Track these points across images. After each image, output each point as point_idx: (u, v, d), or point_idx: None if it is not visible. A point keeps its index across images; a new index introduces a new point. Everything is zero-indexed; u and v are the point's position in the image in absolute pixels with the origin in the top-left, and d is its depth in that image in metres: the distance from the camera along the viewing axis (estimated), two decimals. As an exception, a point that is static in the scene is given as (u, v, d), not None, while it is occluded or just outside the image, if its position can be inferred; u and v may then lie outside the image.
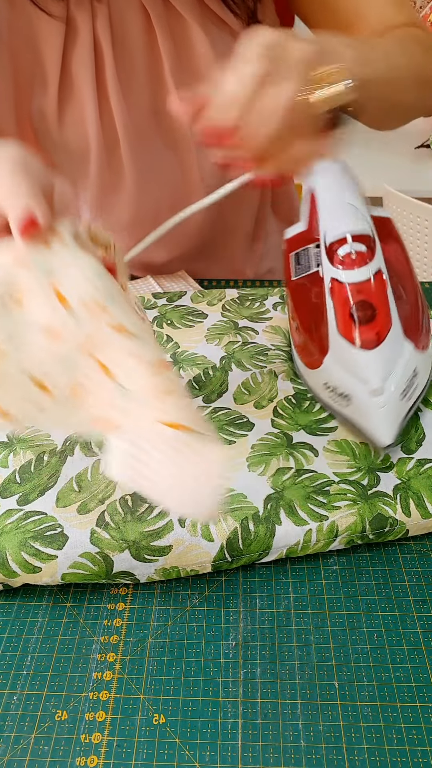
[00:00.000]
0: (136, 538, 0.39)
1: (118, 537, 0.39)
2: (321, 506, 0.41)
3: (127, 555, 0.38)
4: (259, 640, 0.37)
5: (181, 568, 0.39)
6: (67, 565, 0.38)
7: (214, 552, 0.39)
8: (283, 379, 0.53)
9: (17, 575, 0.38)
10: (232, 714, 0.34)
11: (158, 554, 0.39)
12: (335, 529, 0.40)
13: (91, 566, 0.38)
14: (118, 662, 0.36)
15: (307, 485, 0.42)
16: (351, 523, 0.40)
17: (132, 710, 0.34)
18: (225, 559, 0.39)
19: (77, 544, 0.39)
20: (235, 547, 0.39)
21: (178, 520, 0.40)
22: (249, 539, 0.39)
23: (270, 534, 0.40)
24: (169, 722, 0.33)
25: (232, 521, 0.40)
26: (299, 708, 0.34)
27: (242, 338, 0.58)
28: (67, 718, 0.33)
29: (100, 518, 0.40)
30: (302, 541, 0.40)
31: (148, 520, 0.40)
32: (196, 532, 0.39)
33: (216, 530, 0.39)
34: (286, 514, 0.40)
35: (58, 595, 0.39)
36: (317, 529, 0.40)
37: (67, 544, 0.39)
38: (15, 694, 0.34)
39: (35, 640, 0.37)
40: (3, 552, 0.38)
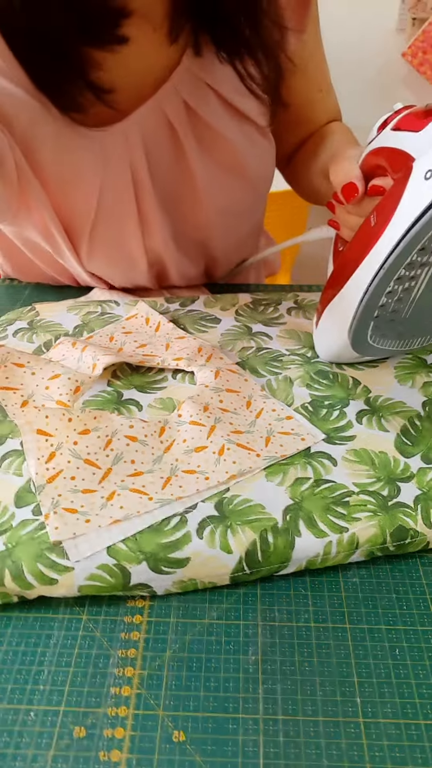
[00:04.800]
0: (154, 550, 0.38)
1: (135, 548, 0.38)
2: (341, 518, 0.40)
3: (145, 567, 0.38)
4: (279, 654, 0.36)
5: (199, 580, 0.39)
6: (83, 577, 0.37)
7: (233, 564, 0.39)
8: (299, 385, 0.52)
9: (33, 587, 0.37)
10: (253, 731, 0.33)
11: (176, 566, 0.38)
12: (356, 541, 0.40)
13: (109, 578, 0.38)
14: (136, 677, 0.35)
15: (326, 496, 0.42)
16: (371, 535, 0.40)
17: (151, 727, 0.33)
18: (243, 571, 0.39)
19: (94, 555, 0.38)
20: (254, 559, 0.39)
21: (196, 532, 0.39)
22: (268, 551, 0.39)
23: (290, 546, 0.39)
24: (189, 739, 0.33)
25: (251, 533, 0.39)
26: (321, 725, 0.33)
27: (256, 344, 0.58)
28: (85, 735, 0.33)
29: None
30: (322, 553, 0.39)
31: (165, 531, 0.39)
32: (215, 544, 0.39)
33: (234, 542, 0.39)
34: (306, 526, 0.40)
35: (74, 608, 0.39)
36: (337, 541, 0.39)
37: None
38: (32, 710, 0.34)
39: (51, 653, 0.36)
40: (18, 563, 0.38)
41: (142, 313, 0.61)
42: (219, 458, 0.44)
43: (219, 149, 0.59)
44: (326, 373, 0.53)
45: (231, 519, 0.40)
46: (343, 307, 0.46)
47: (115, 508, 0.41)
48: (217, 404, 0.49)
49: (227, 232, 0.67)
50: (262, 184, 0.67)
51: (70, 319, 0.61)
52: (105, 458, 0.44)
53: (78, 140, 0.54)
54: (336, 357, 0.53)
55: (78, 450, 0.44)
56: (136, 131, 0.56)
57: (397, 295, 0.42)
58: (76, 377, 0.50)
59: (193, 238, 0.66)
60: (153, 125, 0.56)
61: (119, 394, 0.51)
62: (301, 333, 0.59)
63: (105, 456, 0.44)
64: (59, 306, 0.63)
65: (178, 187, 0.61)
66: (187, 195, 0.61)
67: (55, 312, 0.62)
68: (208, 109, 0.57)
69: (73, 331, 0.59)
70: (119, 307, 0.63)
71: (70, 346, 0.55)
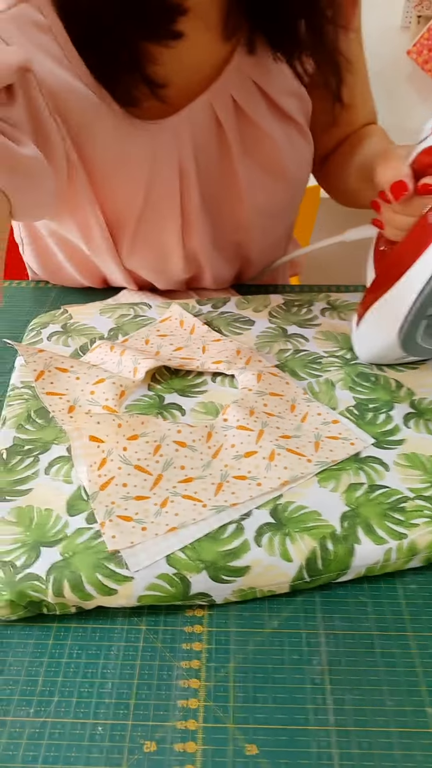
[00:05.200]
0: (213, 558, 0.38)
1: (195, 557, 0.38)
2: (399, 524, 0.40)
3: (205, 576, 0.37)
4: (345, 663, 0.36)
5: (258, 588, 0.38)
6: (143, 587, 0.37)
7: (293, 572, 0.38)
8: (341, 388, 0.52)
9: (93, 597, 0.37)
10: (326, 744, 0.32)
11: (236, 575, 0.38)
12: (415, 547, 0.39)
13: (169, 588, 0.37)
14: (202, 689, 0.35)
15: (382, 502, 0.41)
16: (430, 541, 0.39)
17: (222, 740, 0.33)
18: (304, 579, 0.38)
19: (154, 564, 0.37)
20: (314, 567, 0.38)
21: (254, 539, 0.39)
22: (328, 559, 0.38)
23: (350, 554, 0.39)
24: (262, 753, 0.32)
25: (310, 540, 0.39)
26: (394, 737, 0.33)
27: (293, 346, 0.57)
28: (156, 750, 0.32)
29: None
30: (382, 560, 0.39)
31: (223, 539, 0.39)
32: (274, 552, 0.38)
33: (294, 550, 0.38)
34: (365, 533, 0.39)
35: (132, 618, 0.38)
36: (397, 548, 0.39)
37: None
38: (99, 724, 0.33)
39: (113, 666, 0.36)
40: (77, 573, 0.37)
41: (175, 315, 0.60)
42: (270, 464, 0.43)
43: (262, 148, 0.59)
44: (368, 376, 0.53)
45: (288, 526, 0.40)
46: (394, 307, 0.45)
47: (170, 515, 0.40)
48: (262, 408, 0.48)
49: (264, 233, 0.67)
50: (299, 186, 0.66)
51: (104, 322, 0.60)
52: (155, 464, 0.43)
53: (130, 135, 0.54)
54: (378, 358, 0.53)
55: (128, 456, 0.44)
56: (186, 127, 0.56)
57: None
58: (120, 382, 0.50)
59: (232, 240, 0.66)
60: (202, 122, 0.56)
61: (161, 399, 0.51)
62: (337, 334, 0.58)
63: (155, 462, 0.44)
64: (91, 308, 0.62)
65: (222, 187, 0.60)
66: (230, 195, 0.61)
67: (87, 315, 0.61)
68: (254, 108, 0.57)
69: (108, 335, 0.58)
70: (151, 309, 0.62)
71: (108, 349, 0.54)
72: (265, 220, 0.65)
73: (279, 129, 0.59)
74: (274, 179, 0.61)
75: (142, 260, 0.63)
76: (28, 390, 0.50)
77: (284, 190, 0.64)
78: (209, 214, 0.62)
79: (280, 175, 0.62)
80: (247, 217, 0.63)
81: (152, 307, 0.63)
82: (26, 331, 0.59)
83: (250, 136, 0.58)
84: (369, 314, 0.50)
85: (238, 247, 0.67)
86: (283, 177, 0.62)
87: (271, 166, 0.60)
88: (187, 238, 0.62)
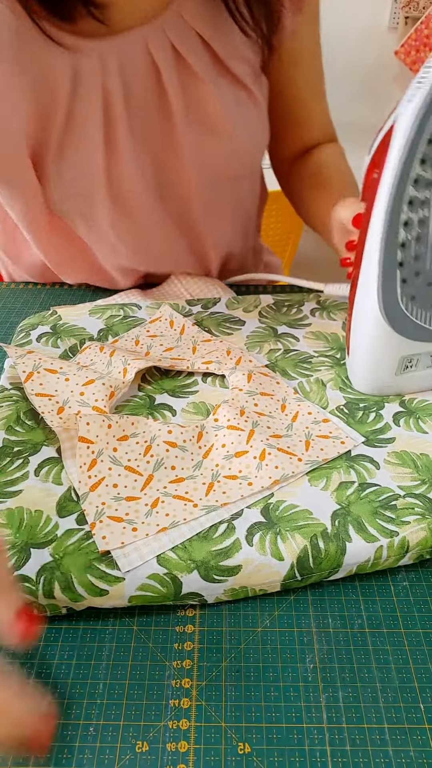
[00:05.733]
0: (204, 558, 0.38)
1: (186, 557, 0.38)
2: (390, 521, 0.40)
3: (196, 576, 0.37)
4: (337, 661, 0.36)
5: (250, 587, 0.38)
6: (134, 587, 0.37)
7: (285, 571, 0.38)
8: (332, 388, 0.52)
9: (83, 599, 0.37)
10: (319, 741, 0.32)
11: (227, 574, 0.38)
12: (406, 544, 0.39)
13: (160, 588, 0.37)
14: (194, 688, 0.35)
15: (373, 500, 0.41)
16: (422, 538, 0.39)
17: (215, 739, 0.33)
18: (295, 578, 0.38)
19: (145, 564, 0.37)
20: (306, 566, 0.38)
21: (245, 539, 0.39)
22: (320, 557, 0.38)
23: (341, 552, 0.39)
24: (255, 751, 0.32)
25: (301, 539, 0.39)
26: (387, 733, 0.33)
27: (283, 345, 0.57)
28: (148, 750, 0.32)
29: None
30: (373, 557, 0.39)
31: (214, 539, 0.39)
32: (265, 551, 0.38)
33: (285, 548, 0.38)
34: (356, 531, 0.39)
35: (124, 618, 0.38)
36: (388, 546, 0.39)
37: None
38: (91, 725, 0.33)
39: (105, 666, 0.36)
40: (68, 575, 0.37)
41: (165, 316, 0.60)
42: (260, 463, 0.43)
43: (205, 104, 0.58)
44: (358, 375, 0.53)
45: (279, 525, 0.40)
46: (367, 276, 0.45)
47: (161, 515, 0.40)
48: (252, 408, 0.48)
49: (210, 207, 0.65)
50: (248, 157, 0.64)
51: (94, 323, 0.60)
52: (146, 465, 0.43)
53: (51, 52, 0.53)
54: (375, 375, 0.50)
55: (118, 457, 0.43)
56: (113, 56, 0.54)
57: (412, 246, 0.42)
58: (110, 382, 0.49)
59: (173, 203, 0.64)
60: (134, 56, 0.55)
61: (152, 399, 0.51)
62: (328, 334, 0.58)
63: (145, 462, 0.43)
64: (81, 309, 0.62)
65: (157, 133, 0.59)
66: (166, 145, 0.60)
67: (77, 315, 0.61)
68: (196, 60, 0.56)
69: (97, 335, 0.58)
70: (141, 310, 0.62)
71: (97, 350, 0.54)
72: (211, 190, 0.64)
73: (225, 88, 0.58)
74: (218, 139, 0.60)
75: (67, 194, 0.60)
76: (17, 392, 0.50)
77: (230, 156, 0.62)
78: (139, 157, 0.59)
79: (225, 137, 0.60)
80: (187, 178, 0.61)
81: (142, 308, 0.62)
82: (15, 333, 0.59)
83: (191, 88, 0.57)
84: (354, 311, 0.49)
85: (183, 215, 0.65)
86: (229, 139, 0.60)
87: (214, 125, 0.59)
88: (112, 172, 0.59)
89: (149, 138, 0.59)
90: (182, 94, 0.57)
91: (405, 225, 0.41)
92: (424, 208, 0.41)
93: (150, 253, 0.68)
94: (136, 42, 0.55)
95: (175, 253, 0.69)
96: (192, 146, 0.59)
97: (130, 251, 0.66)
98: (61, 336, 0.58)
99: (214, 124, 0.59)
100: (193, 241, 0.69)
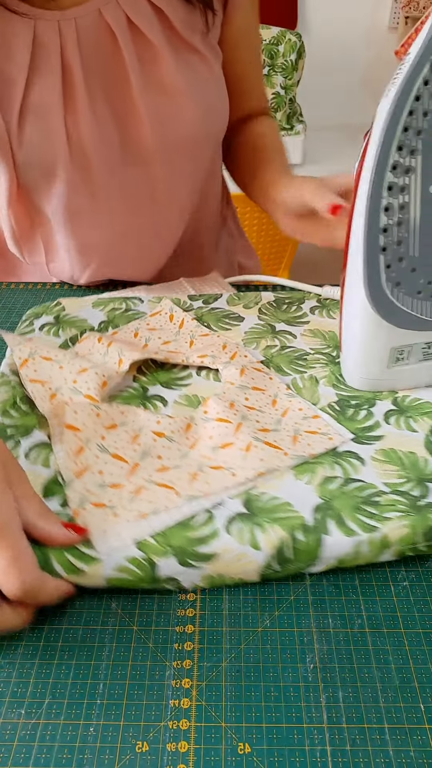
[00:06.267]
0: (182, 544, 0.38)
1: (164, 542, 0.38)
2: (371, 517, 0.40)
3: (173, 560, 0.38)
4: (337, 661, 0.36)
5: (228, 576, 0.39)
6: (112, 568, 0.37)
7: (262, 561, 0.38)
8: (325, 385, 0.52)
9: (60, 577, 0.37)
10: (319, 741, 0.32)
11: (203, 561, 0.38)
12: (387, 540, 0.39)
13: (137, 571, 0.38)
14: (194, 688, 0.35)
15: (356, 495, 0.42)
16: (403, 535, 0.40)
17: (215, 740, 0.33)
18: (273, 568, 0.39)
19: (122, 547, 0.38)
20: (283, 556, 0.39)
21: (225, 528, 0.39)
22: (297, 549, 0.39)
23: (319, 544, 0.39)
24: (255, 751, 0.32)
25: (280, 530, 0.39)
26: (387, 733, 0.33)
27: (280, 342, 0.57)
28: (148, 750, 0.32)
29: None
30: (352, 552, 0.39)
31: (194, 526, 0.39)
32: (243, 540, 0.39)
33: (263, 539, 0.39)
34: (336, 525, 0.40)
35: (124, 618, 0.38)
36: (368, 541, 0.39)
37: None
38: (91, 725, 0.33)
39: (105, 667, 0.36)
40: (46, 553, 0.38)
41: (166, 309, 0.60)
42: (246, 455, 0.44)
43: (158, 64, 0.61)
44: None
45: (260, 516, 0.40)
46: (354, 264, 0.45)
47: (144, 502, 0.40)
48: (243, 402, 0.49)
49: (170, 171, 0.66)
50: (207, 123, 0.66)
51: (95, 314, 0.61)
52: (132, 453, 0.44)
53: (11, 18, 0.56)
54: (366, 369, 0.51)
55: (106, 445, 0.44)
56: (70, 24, 0.58)
57: (394, 231, 0.43)
58: (103, 372, 0.50)
59: (136, 160, 0.65)
60: (90, 24, 0.58)
61: (145, 390, 0.52)
62: (325, 332, 0.59)
63: (132, 451, 0.44)
64: (84, 301, 0.63)
65: (116, 91, 0.61)
66: (126, 104, 0.62)
67: (80, 307, 0.62)
68: (152, 29, 0.60)
69: (98, 327, 0.59)
70: (143, 303, 0.63)
71: (95, 341, 0.54)
72: (170, 152, 0.65)
73: (178, 52, 0.62)
74: (173, 100, 0.62)
75: (30, 160, 0.61)
76: (15, 377, 0.52)
77: (189, 121, 0.64)
78: (99, 121, 0.61)
79: (180, 97, 0.62)
80: (147, 142, 0.63)
81: (144, 301, 0.64)
82: (20, 321, 0.61)
83: (146, 53, 0.60)
84: (343, 306, 0.50)
85: (145, 182, 0.66)
86: (184, 100, 0.63)
87: (168, 86, 0.62)
88: (72, 135, 0.60)
89: (109, 101, 0.61)
90: (137, 59, 0.60)
91: (386, 210, 0.42)
92: (404, 194, 0.42)
93: (111, 227, 0.68)
94: (91, 9, 0.58)
95: (138, 225, 0.70)
96: (150, 108, 0.61)
97: (88, 227, 0.67)
98: (62, 326, 0.59)
99: (169, 85, 0.62)
100: (155, 210, 0.70)
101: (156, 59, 0.61)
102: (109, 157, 0.63)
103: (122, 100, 0.61)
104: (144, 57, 0.60)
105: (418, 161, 0.41)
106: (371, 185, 0.42)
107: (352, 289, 0.47)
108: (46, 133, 0.59)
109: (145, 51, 0.60)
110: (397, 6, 1.74)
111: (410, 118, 0.40)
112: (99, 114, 0.60)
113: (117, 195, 0.66)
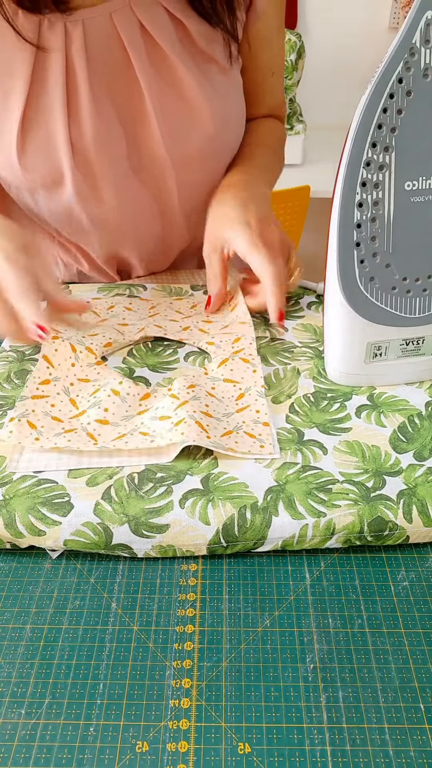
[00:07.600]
0: (137, 514, 0.40)
1: (120, 511, 0.40)
2: (321, 503, 0.41)
3: (127, 529, 0.40)
4: (337, 661, 0.36)
5: (177, 547, 0.40)
6: (69, 532, 0.40)
7: (210, 535, 0.40)
8: (306, 377, 0.53)
9: (23, 536, 0.40)
10: (319, 741, 0.32)
11: (156, 531, 0.40)
12: (332, 526, 0.40)
13: (92, 535, 0.40)
14: (194, 688, 0.35)
15: (310, 481, 0.43)
16: (349, 523, 0.40)
17: (215, 739, 0.33)
18: (220, 543, 0.40)
19: (81, 513, 0.40)
20: (231, 533, 0.40)
21: (179, 502, 0.41)
22: (245, 527, 0.40)
23: (266, 524, 0.40)
24: (255, 751, 0.32)
25: (231, 507, 0.41)
26: (387, 733, 0.33)
27: (270, 334, 0.58)
28: (148, 749, 0.32)
29: (106, 492, 0.42)
30: (298, 534, 0.40)
31: (151, 498, 0.41)
32: (194, 515, 0.40)
33: (213, 514, 0.40)
34: (285, 507, 0.41)
35: (124, 618, 0.38)
36: (314, 525, 0.40)
37: (72, 512, 0.40)
38: (91, 725, 0.33)
39: (105, 666, 0.36)
40: (12, 513, 0.40)
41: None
42: (173, 428, 0.45)
43: (173, 77, 0.60)
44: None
45: (215, 494, 0.41)
46: (330, 264, 0.46)
47: (64, 440, 0.44)
48: (205, 387, 0.50)
49: (181, 185, 0.65)
50: (222, 135, 0.64)
51: (100, 299, 0.64)
52: (86, 402, 0.48)
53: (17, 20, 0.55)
54: (346, 367, 0.51)
55: (70, 390, 0.49)
56: (77, 25, 0.56)
57: (368, 227, 0.43)
58: (110, 334, 0.55)
59: (150, 172, 0.64)
60: (99, 28, 0.57)
61: (131, 371, 0.54)
62: (317, 327, 0.59)
63: (86, 400, 0.48)
64: (91, 287, 0.67)
65: (123, 97, 0.60)
66: (135, 111, 0.60)
67: (86, 291, 0.66)
68: (167, 38, 0.58)
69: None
70: (146, 291, 0.65)
71: (106, 307, 0.61)
72: (181, 163, 0.63)
73: (192, 62, 0.60)
74: (188, 113, 0.61)
75: (35, 159, 0.60)
76: (13, 353, 0.55)
77: (200, 127, 0.62)
78: (106, 128, 0.60)
79: (195, 109, 0.61)
80: (156, 147, 0.62)
81: (148, 288, 0.66)
82: None
83: (159, 62, 0.59)
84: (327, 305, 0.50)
85: (159, 193, 0.65)
86: (199, 112, 0.61)
87: (182, 98, 0.60)
88: (75, 138, 0.59)
89: (116, 108, 0.59)
90: (150, 67, 0.59)
91: (359, 206, 0.43)
92: (378, 190, 0.43)
93: (118, 234, 0.67)
94: (100, 14, 0.57)
95: (146, 233, 0.69)
96: (161, 118, 0.60)
97: (94, 234, 0.66)
98: None
99: (183, 96, 0.60)
100: (164, 219, 0.69)
101: (170, 69, 0.59)
102: (115, 166, 0.61)
103: (130, 109, 0.60)
104: (157, 65, 0.59)
105: (392, 158, 0.42)
106: (344, 181, 0.42)
107: (330, 285, 0.47)
108: (47, 137, 0.58)
109: (158, 59, 0.59)
110: (397, 6, 1.74)
111: (384, 116, 0.41)
112: (105, 121, 0.59)
113: (124, 204, 0.64)
